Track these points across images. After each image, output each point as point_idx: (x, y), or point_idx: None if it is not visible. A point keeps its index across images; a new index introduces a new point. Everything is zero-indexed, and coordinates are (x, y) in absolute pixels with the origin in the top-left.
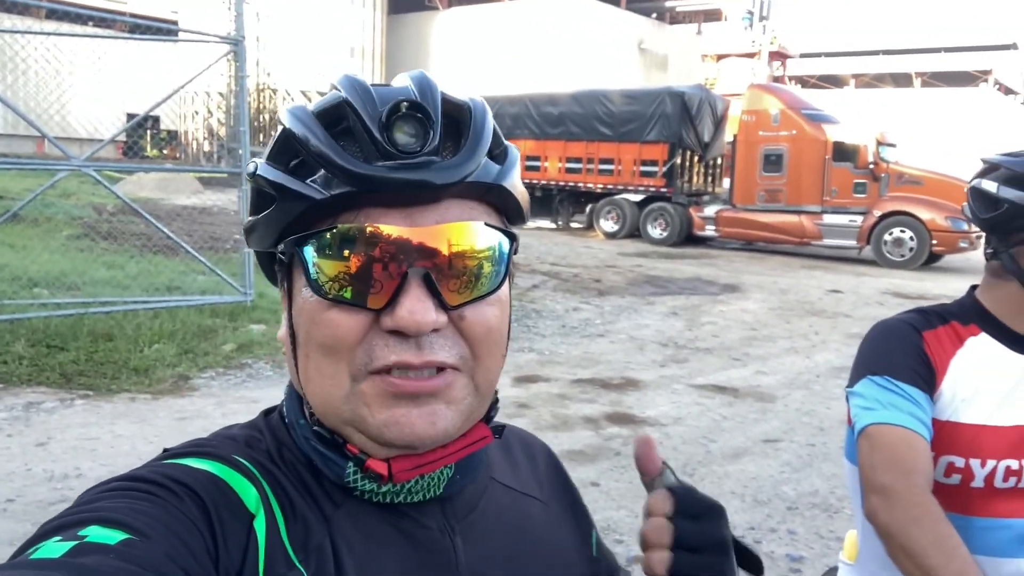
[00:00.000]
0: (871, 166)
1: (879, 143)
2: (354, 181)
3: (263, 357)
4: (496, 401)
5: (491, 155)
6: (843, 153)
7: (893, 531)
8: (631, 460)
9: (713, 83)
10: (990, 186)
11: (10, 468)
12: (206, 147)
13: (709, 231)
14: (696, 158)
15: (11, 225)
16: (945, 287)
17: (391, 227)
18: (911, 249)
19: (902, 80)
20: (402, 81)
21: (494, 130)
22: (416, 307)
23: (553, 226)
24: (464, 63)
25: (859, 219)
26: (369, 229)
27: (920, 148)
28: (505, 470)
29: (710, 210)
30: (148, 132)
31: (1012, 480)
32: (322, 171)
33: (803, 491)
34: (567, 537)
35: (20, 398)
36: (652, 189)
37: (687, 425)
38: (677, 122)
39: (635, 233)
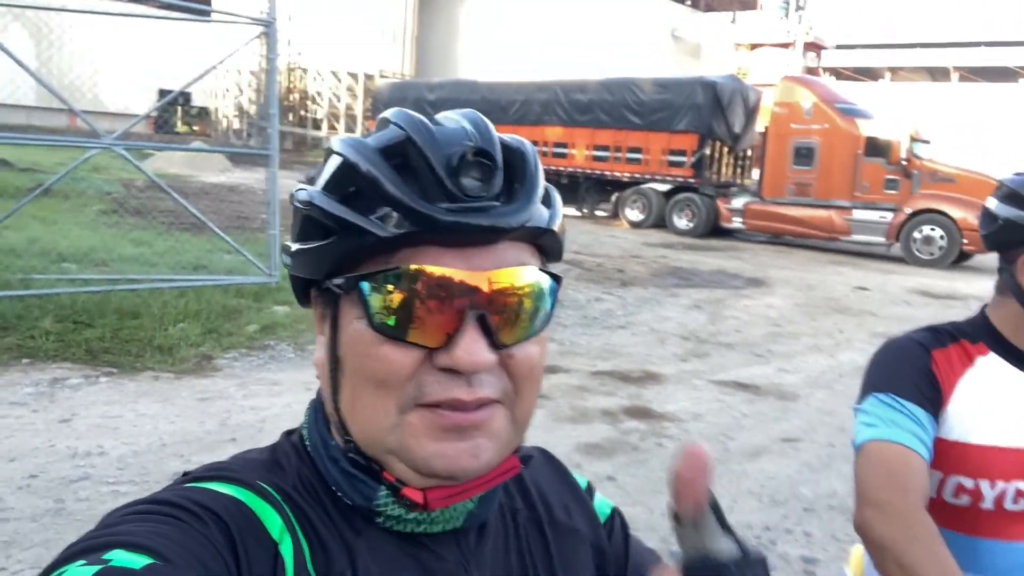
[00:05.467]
0: (904, 162)
1: (912, 139)
2: (421, 222)
3: (286, 339)
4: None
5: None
6: (876, 148)
7: (888, 545)
8: (648, 455)
9: (746, 73)
10: (991, 203)
11: (34, 443)
12: (236, 124)
13: (736, 223)
14: (726, 149)
15: (41, 199)
16: (974, 287)
17: (453, 270)
18: (941, 247)
19: (939, 74)
20: (455, 121)
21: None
22: (473, 348)
23: (578, 214)
24: (493, 48)
25: (889, 215)
26: (434, 271)
27: (956, 145)
28: (545, 496)
29: (738, 202)
30: (179, 108)
31: (1022, 502)
32: (384, 208)
33: (821, 492)
34: (584, 569)
35: (46, 373)
36: (679, 179)
37: (706, 422)
38: (708, 112)
39: (660, 223)
